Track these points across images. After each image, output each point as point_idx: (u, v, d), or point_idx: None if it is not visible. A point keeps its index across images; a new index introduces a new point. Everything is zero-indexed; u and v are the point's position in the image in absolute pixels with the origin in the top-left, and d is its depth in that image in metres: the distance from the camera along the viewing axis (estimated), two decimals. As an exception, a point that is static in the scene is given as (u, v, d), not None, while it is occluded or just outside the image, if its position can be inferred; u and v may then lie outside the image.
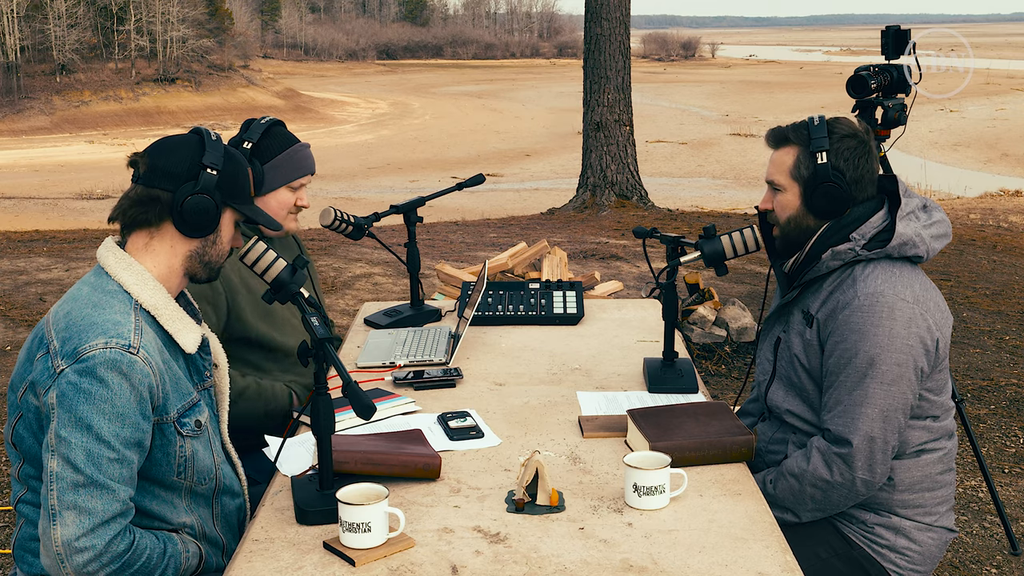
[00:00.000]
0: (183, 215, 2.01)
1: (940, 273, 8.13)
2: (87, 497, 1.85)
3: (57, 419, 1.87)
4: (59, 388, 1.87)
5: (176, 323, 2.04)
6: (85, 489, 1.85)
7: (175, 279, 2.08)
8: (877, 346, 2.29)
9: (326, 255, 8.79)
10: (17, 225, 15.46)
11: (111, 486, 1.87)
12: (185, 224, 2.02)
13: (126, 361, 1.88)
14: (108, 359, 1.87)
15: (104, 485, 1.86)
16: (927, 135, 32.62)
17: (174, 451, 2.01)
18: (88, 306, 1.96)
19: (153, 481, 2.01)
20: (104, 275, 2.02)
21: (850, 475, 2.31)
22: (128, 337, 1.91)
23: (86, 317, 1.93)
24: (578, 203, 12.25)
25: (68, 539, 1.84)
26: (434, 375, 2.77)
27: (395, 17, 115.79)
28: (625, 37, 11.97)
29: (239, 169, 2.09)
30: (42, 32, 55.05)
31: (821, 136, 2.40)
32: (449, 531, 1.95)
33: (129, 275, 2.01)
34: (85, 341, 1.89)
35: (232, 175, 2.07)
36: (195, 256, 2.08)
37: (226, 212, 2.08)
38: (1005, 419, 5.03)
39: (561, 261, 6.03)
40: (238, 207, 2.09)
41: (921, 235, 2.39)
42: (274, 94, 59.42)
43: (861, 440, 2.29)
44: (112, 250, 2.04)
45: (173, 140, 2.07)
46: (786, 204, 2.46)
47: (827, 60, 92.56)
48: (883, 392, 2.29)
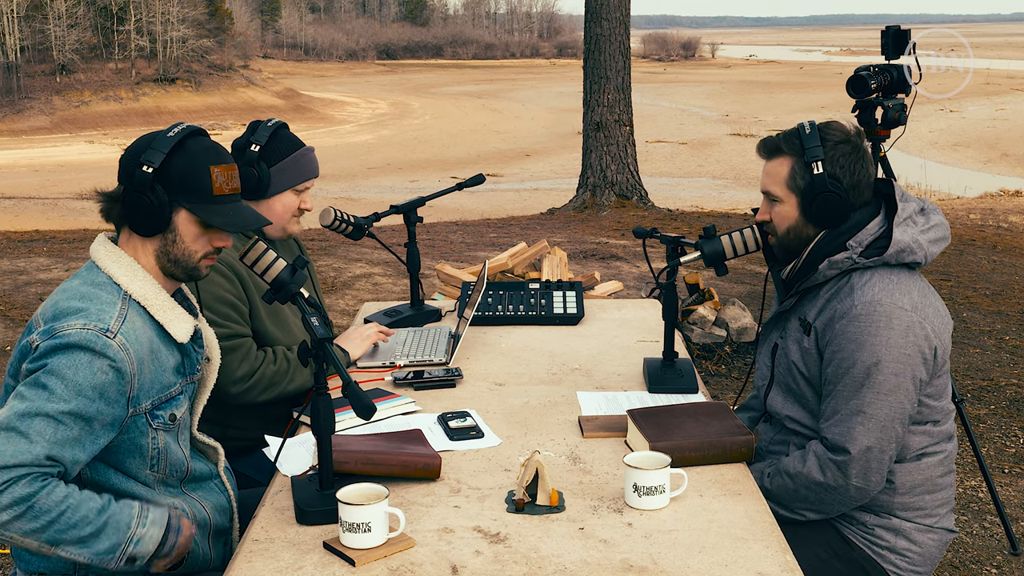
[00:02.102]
0: (125, 213, 2.02)
1: (940, 273, 8.13)
2: (1, 440, 1.82)
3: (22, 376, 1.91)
4: (31, 361, 1.90)
5: (166, 313, 2.05)
6: (4, 432, 1.83)
7: (159, 277, 2.09)
8: (875, 356, 2.28)
9: (326, 255, 8.79)
10: (17, 225, 15.47)
11: (31, 437, 1.83)
12: (130, 222, 2.03)
13: (100, 343, 1.90)
14: (82, 338, 1.89)
15: (23, 433, 1.83)
16: (927, 135, 32.62)
17: (147, 443, 2.02)
18: (76, 297, 1.98)
19: (129, 475, 2.03)
20: (95, 268, 2.05)
21: (844, 481, 2.31)
22: (108, 322, 1.93)
23: (72, 306, 1.96)
24: (578, 203, 12.25)
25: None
26: (434, 375, 2.77)
27: (395, 17, 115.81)
28: (625, 37, 11.97)
29: (192, 167, 2.01)
30: (42, 32, 55.07)
31: (815, 145, 2.37)
32: (449, 531, 1.95)
33: (118, 267, 2.03)
34: (64, 321, 1.92)
35: (181, 172, 2.00)
36: (161, 255, 2.07)
37: (180, 211, 2.04)
38: (1005, 419, 5.03)
39: (561, 261, 6.03)
40: (191, 207, 2.03)
41: (919, 241, 2.37)
42: (274, 94, 59.43)
43: (858, 450, 2.29)
44: (104, 244, 2.07)
45: (142, 138, 2.07)
46: (784, 215, 2.44)
47: (827, 60, 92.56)
48: (880, 402, 2.28)
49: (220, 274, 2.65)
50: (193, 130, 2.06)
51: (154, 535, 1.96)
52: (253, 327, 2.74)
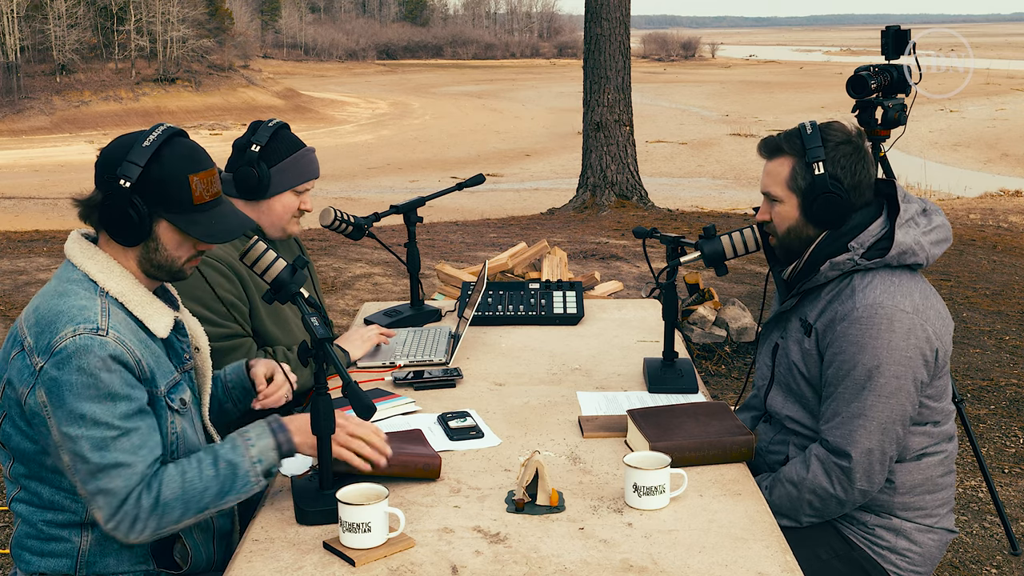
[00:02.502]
0: (102, 223, 1.99)
1: (940, 273, 8.13)
2: (107, 480, 1.90)
3: (54, 417, 1.89)
4: (44, 386, 1.90)
5: (144, 308, 2.03)
6: (103, 473, 1.90)
7: (141, 278, 2.06)
8: (876, 358, 2.27)
9: (326, 255, 8.79)
10: (17, 225, 15.47)
11: (125, 461, 1.91)
12: (110, 232, 2.00)
13: (96, 343, 1.90)
14: (80, 346, 1.89)
15: (118, 464, 1.90)
16: (927, 135, 32.61)
17: (166, 427, 2.03)
18: (53, 296, 1.97)
19: None
20: (70, 266, 2.03)
21: (850, 487, 2.31)
22: (95, 320, 1.92)
23: (52, 308, 1.94)
24: (578, 203, 12.25)
25: (105, 520, 1.92)
26: (434, 375, 2.77)
27: (395, 17, 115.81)
28: (625, 37, 11.97)
29: (169, 177, 1.97)
30: (42, 32, 55.05)
31: (816, 145, 2.37)
32: (449, 531, 1.95)
33: (93, 264, 2.01)
34: (56, 333, 1.90)
35: (158, 182, 1.96)
36: (143, 260, 2.04)
37: (161, 221, 2.00)
38: (1005, 419, 5.03)
39: (561, 261, 6.03)
40: (171, 218, 1.99)
41: (920, 242, 2.37)
42: (274, 94, 59.42)
43: (860, 453, 2.29)
44: (77, 241, 2.04)
45: (116, 141, 2.02)
46: (785, 215, 2.44)
47: (827, 60, 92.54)
48: (882, 404, 2.28)
49: (220, 274, 2.65)
50: (170, 133, 2.01)
51: (268, 444, 2.02)
52: (253, 327, 2.74)
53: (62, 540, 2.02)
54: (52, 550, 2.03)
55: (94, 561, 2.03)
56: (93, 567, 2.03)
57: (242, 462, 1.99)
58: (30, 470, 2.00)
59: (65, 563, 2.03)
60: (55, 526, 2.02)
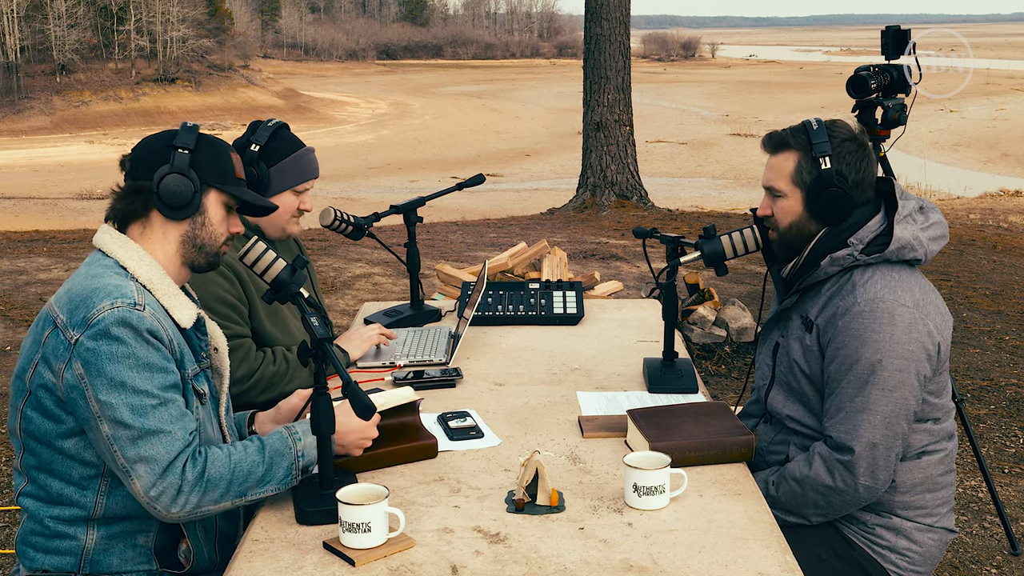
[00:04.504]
0: (161, 196, 2.04)
1: (940, 273, 8.13)
2: (147, 447, 1.91)
3: (91, 387, 1.91)
4: (81, 358, 1.91)
5: (172, 298, 2.07)
6: (143, 440, 1.91)
7: (173, 268, 2.11)
8: (878, 352, 2.28)
9: (326, 255, 8.79)
10: (17, 225, 15.46)
11: (165, 429, 1.92)
12: (166, 205, 2.05)
13: (135, 317, 1.93)
14: (118, 317, 1.92)
15: (158, 430, 1.92)
16: (927, 135, 32.61)
17: (193, 411, 2.05)
18: (86, 278, 2.00)
19: None
20: (100, 254, 2.07)
21: (853, 482, 2.31)
22: (132, 296, 1.96)
23: (86, 287, 1.97)
24: (578, 203, 12.25)
25: (147, 489, 1.92)
26: (434, 375, 2.77)
27: (395, 17, 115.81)
28: (625, 37, 11.98)
29: (216, 151, 2.10)
30: (42, 32, 55.06)
31: (823, 140, 2.38)
32: (449, 531, 1.95)
33: (124, 251, 2.05)
34: (92, 307, 1.93)
35: (208, 155, 2.08)
36: (187, 240, 2.10)
37: (210, 193, 2.10)
38: (1005, 419, 5.04)
39: (561, 261, 6.03)
40: (222, 187, 2.10)
41: (919, 238, 2.38)
42: (274, 94, 59.42)
43: (864, 447, 2.29)
44: (108, 232, 2.09)
45: (152, 135, 2.13)
46: (788, 210, 2.44)
47: (827, 60, 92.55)
48: (885, 398, 2.28)
49: (220, 274, 2.65)
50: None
51: (312, 442, 2.06)
52: (253, 327, 2.74)
53: (67, 537, 2.02)
54: (57, 547, 2.03)
55: (98, 559, 2.03)
56: (97, 565, 2.04)
57: (288, 453, 2.03)
58: (41, 460, 2.01)
59: (69, 560, 2.03)
60: (61, 522, 2.02)
